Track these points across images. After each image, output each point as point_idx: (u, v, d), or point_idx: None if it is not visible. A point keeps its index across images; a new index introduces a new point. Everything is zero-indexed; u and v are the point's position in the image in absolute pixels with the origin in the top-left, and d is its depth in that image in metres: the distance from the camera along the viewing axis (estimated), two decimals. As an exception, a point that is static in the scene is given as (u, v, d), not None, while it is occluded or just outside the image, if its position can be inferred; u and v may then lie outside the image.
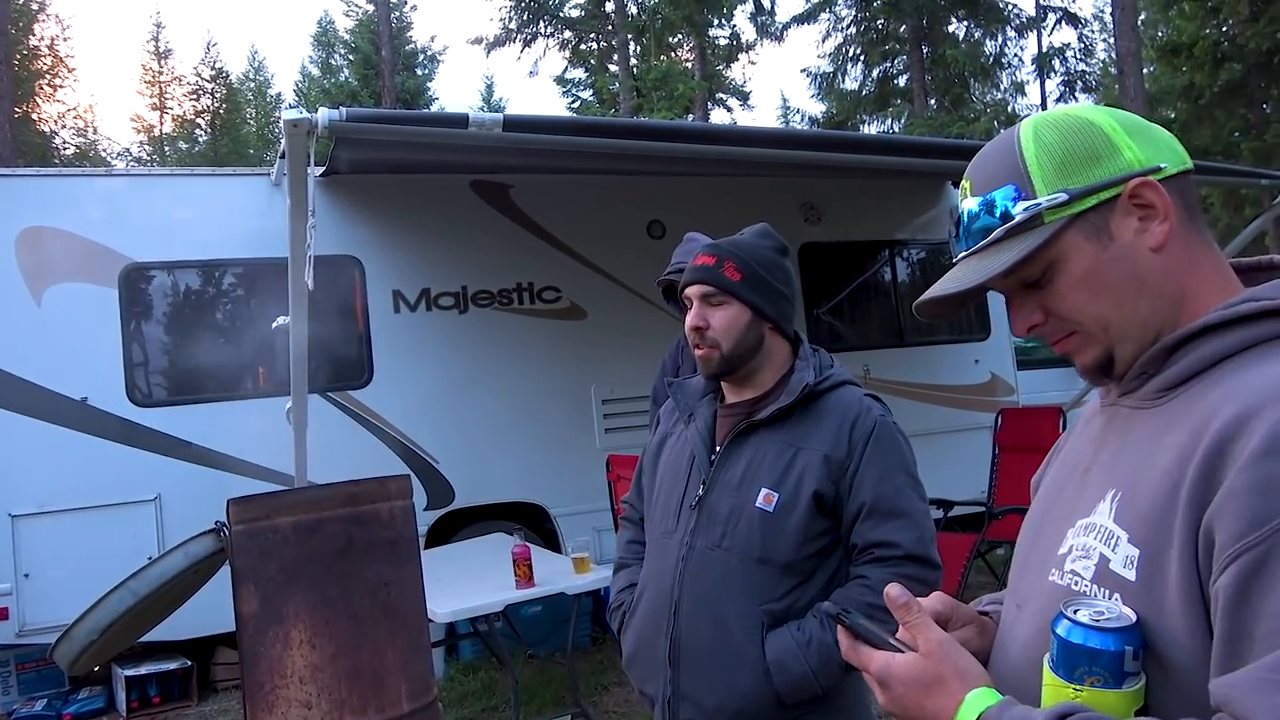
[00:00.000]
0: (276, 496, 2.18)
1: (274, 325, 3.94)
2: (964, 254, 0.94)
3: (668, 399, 2.04)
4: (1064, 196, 0.86)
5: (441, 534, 5.49)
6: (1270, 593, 0.68)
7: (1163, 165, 0.87)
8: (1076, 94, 20.34)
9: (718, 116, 25.49)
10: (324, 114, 3.13)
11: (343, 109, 3.21)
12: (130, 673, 4.86)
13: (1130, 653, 0.75)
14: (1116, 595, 0.80)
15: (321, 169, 5.30)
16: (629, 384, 5.62)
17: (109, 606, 2.19)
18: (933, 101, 20.13)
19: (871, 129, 21.48)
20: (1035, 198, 0.88)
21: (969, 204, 0.93)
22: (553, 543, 5.59)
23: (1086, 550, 0.85)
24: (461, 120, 3.40)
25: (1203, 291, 0.87)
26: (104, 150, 27.57)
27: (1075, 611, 0.79)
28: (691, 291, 1.84)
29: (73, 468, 4.82)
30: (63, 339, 4.89)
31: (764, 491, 1.73)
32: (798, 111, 30.02)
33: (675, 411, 1.99)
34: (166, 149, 29.77)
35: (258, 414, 5.06)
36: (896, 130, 20.68)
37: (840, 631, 0.95)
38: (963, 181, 0.95)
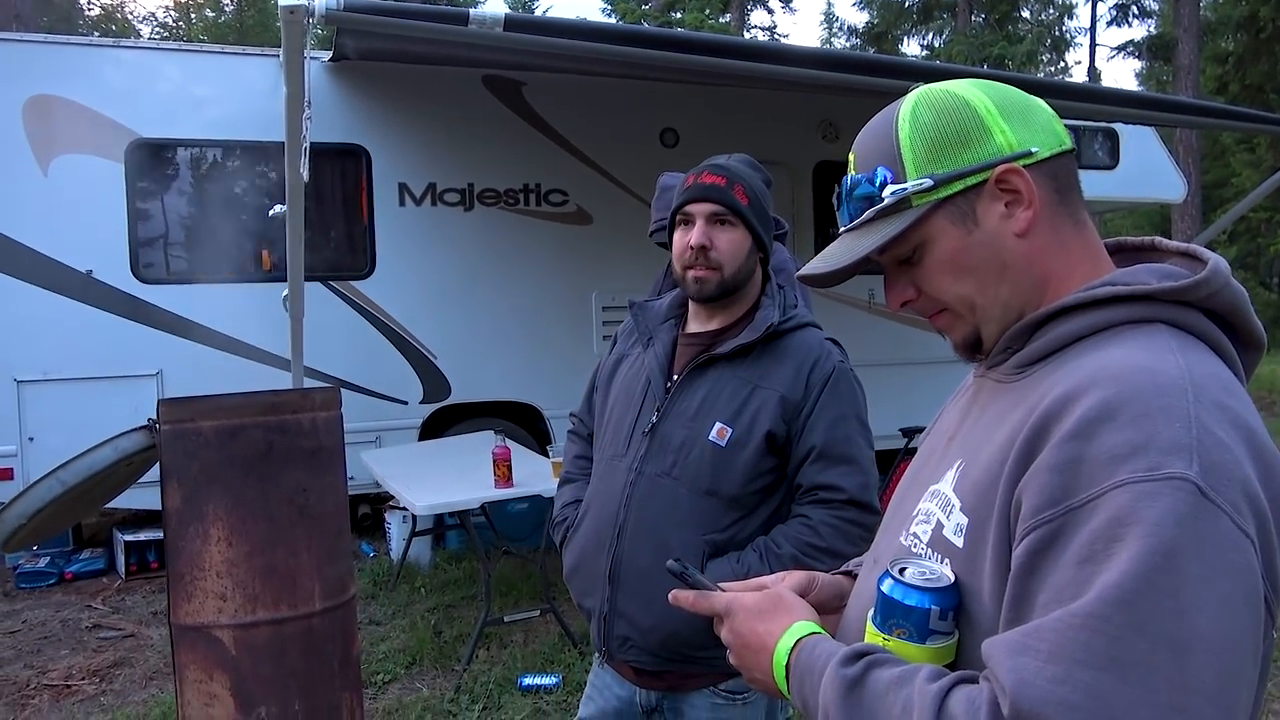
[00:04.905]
0: (202, 400, 2.27)
1: (270, 214, 3.96)
2: (843, 229, 0.97)
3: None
4: (929, 182, 0.89)
5: (436, 428, 5.62)
6: (1054, 567, 0.73)
7: (1034, 150, 0.88)
8: (1130, 19, 19.52)
9: (757, 18, 24.71)
10: (321, 1, 3.08)
11: (341, -3, 3.15)
12: (130, 538, 5.08)
13: (937, 612, 0.80)
14: (947, 560, 0.85)
15: (329, 54, 5.23)
16: (631, 292, 5.57)
17: (37, 494, 2.29)
18: (980, 18, 19.40)
19: (912, 43, 20.80)
20: (904, 181, 0.90)
21: (849, 179, 0.96)
22: (547, 443, 5.71)
23: (928, 515, 0.90)
24: (462, 18, 3.34)
25: (1068, 275, 0.89)
26: (130, 13, 27.11)
27: (901, 570, 0.84)
28: (698, 209, 1.80)
29: (78, 338, 4.94)
30: (69, 210, 4.94)
31: (718, 425, 1.74)
32: (839, 21, 29.01)
33: (634, 333, 1.98)
34: (193, 16, 29.20)
35: (260, 297, 5.15)
36: (938, 45, 20.01)
37: (684, 591, 1.05)
38: (850, 152, 0.98)
